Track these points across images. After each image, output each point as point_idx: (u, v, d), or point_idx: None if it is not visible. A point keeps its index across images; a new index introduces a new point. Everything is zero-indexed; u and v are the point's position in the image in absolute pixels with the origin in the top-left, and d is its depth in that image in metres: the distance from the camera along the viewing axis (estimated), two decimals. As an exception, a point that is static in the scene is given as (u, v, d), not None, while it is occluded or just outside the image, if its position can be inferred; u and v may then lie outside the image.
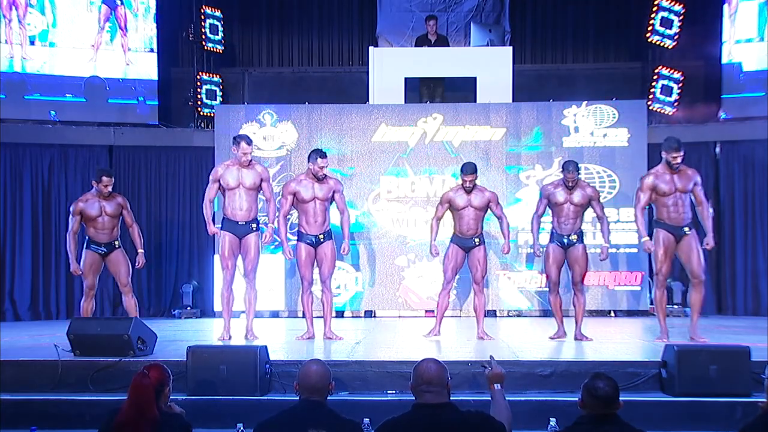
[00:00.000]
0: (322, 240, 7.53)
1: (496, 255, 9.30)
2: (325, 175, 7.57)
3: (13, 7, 10.50)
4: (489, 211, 7.66)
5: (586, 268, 7.60)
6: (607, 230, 7.59)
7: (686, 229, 7.14)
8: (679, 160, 7.11)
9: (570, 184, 7.40)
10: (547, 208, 7.59)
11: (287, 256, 7.71)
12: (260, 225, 7.69)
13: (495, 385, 3.76)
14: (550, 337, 7.54)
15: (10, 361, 6.15)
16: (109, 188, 7.50)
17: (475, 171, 7.59)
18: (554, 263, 7.49)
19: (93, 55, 10.77)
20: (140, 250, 7.71)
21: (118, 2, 10.85)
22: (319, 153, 7.58)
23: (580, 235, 7.51)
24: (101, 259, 7.53)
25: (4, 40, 10.46)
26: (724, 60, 10.63)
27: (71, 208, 7.58)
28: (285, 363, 6.08)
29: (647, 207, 7.37)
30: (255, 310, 7.73)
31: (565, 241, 7.46)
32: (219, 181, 7.51)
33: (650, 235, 7.28)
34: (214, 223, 7.57)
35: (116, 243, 7.58)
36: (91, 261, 7.50)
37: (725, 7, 10.63)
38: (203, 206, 7.63)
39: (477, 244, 7.57)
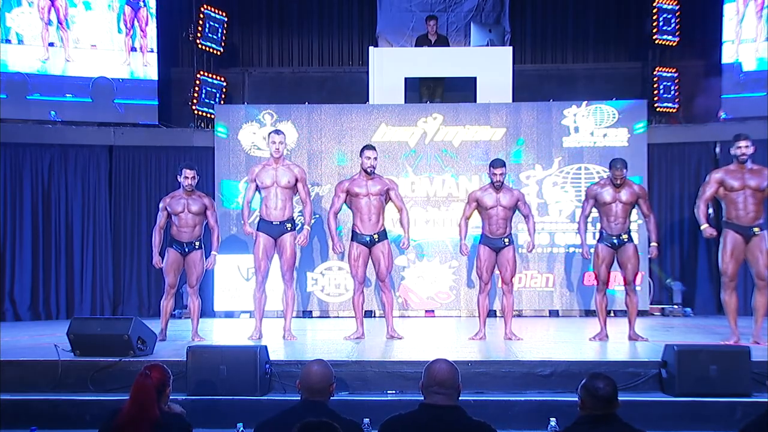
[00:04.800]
0: (377, 240, 7.52)
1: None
2: (375, 172, 7.56)
3: (53, 9, 10.54)
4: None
5: (638, 268, 7.56)
6: (654, 228, 7.46)
7: (756, 229, 6.94)
8: (743, 149, 6.91)
9: (618, 182, 7.33)
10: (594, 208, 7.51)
11: (336, 250, 7.68)
12: (296, 224, 7.70)
13: None
14: (590, 339, 7.41)
15: (10, 361, 6.15)
16: (190, 181, 7.57)
17: (504, 164, 7.57)
18: (603, 263, 7.39)
19: (126, 58, 10.83)
20: (213, 252, 7.75)
21: (141, 3, 10.89)
22: (367, 146, 7.67)
23: (630, 234, 7.45)
24: (182, 259, 7.59)
25: (43, 42, 10.53)
26: (724, 60, 10.64)
27: (160, 204, 7.73)
28: (285, 363, 6.08)
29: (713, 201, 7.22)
30: (293, 310, 7.73)
31: (616, 241, 7.36)
32: (256, 181, 7.56)
33: (719, 233, 7.13)
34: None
35: (197, 243, 7.63)
36: (172, 260, 7.58)
37: (726, 7, 10.64)
38: (242, 206, 7.68)
39: (507, 244, 7.53)
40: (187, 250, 7.59)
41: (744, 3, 10.57)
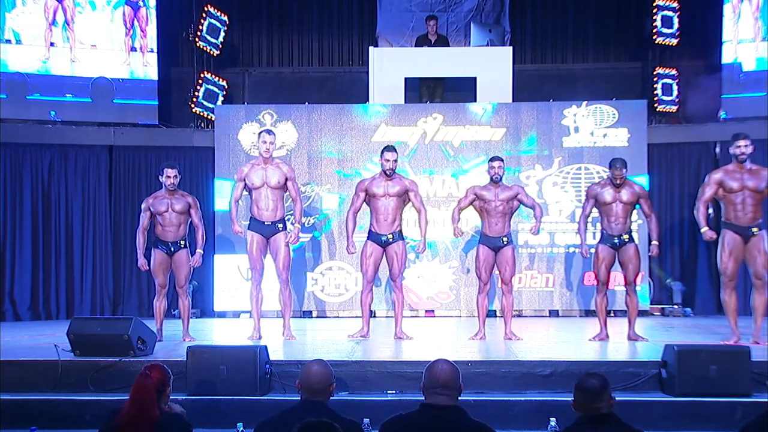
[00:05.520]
0: (391, 240, 7.51)
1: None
2: (395, 172, 7.55)
3: (60, 9, 10.56)
4: (521, 205, 7.65)
5: (639, 268, 7.54)
6: (656, 228, 7.44)
7: (755, 229, 6.93)
8: (743, 149, 6.90)
9: (618, 182, 7.32)
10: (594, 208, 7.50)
11: (350, 251, 7.67)
12: (287, 224, 7.66)
13: None
14: (590, 339, 7.40)
15: (10, 361, 6.14)
16: (172, 180, 7.55)
17: (502, 159, 7.61)
18: (603, 263, 7.38)
19: (126, 58, 10.85)
20: (199, 250, 7.70)
21: (141, 3, 10.89)
22: (387, 147, 7.64)
23: (631, 234, 7.44)
24: (169, 258, 7.59)
25: (45, 42, 10.56)
26: (724, 60, 10.64)
27: (142, 206, 7.71)
28: (285, 363, 6.08)
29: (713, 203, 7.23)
30: (291, 309, 7.73)
31: (617, 242, 7.34)
32: (245, 180, 7.52)
33: (718, 234, 7.10)
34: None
35: (182, 242, 7.62)
36: (159, 260, 7.58)
37: (726, 7, 10.64)
38: (229, 205, 7.67)
39: (505, 243, 7.52)
40: (172, 249, 7.57)
41: (739, 1, 10.57)
